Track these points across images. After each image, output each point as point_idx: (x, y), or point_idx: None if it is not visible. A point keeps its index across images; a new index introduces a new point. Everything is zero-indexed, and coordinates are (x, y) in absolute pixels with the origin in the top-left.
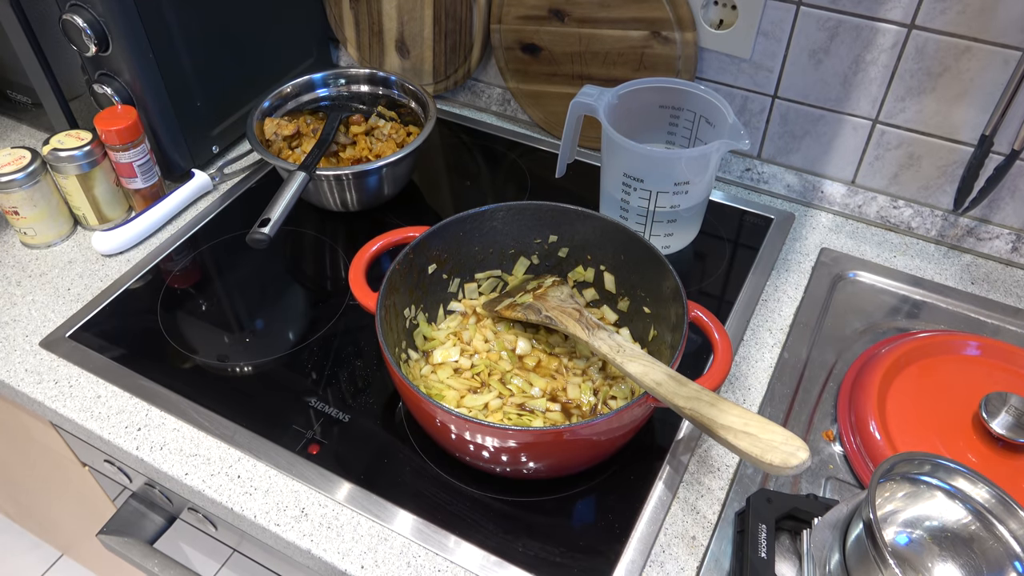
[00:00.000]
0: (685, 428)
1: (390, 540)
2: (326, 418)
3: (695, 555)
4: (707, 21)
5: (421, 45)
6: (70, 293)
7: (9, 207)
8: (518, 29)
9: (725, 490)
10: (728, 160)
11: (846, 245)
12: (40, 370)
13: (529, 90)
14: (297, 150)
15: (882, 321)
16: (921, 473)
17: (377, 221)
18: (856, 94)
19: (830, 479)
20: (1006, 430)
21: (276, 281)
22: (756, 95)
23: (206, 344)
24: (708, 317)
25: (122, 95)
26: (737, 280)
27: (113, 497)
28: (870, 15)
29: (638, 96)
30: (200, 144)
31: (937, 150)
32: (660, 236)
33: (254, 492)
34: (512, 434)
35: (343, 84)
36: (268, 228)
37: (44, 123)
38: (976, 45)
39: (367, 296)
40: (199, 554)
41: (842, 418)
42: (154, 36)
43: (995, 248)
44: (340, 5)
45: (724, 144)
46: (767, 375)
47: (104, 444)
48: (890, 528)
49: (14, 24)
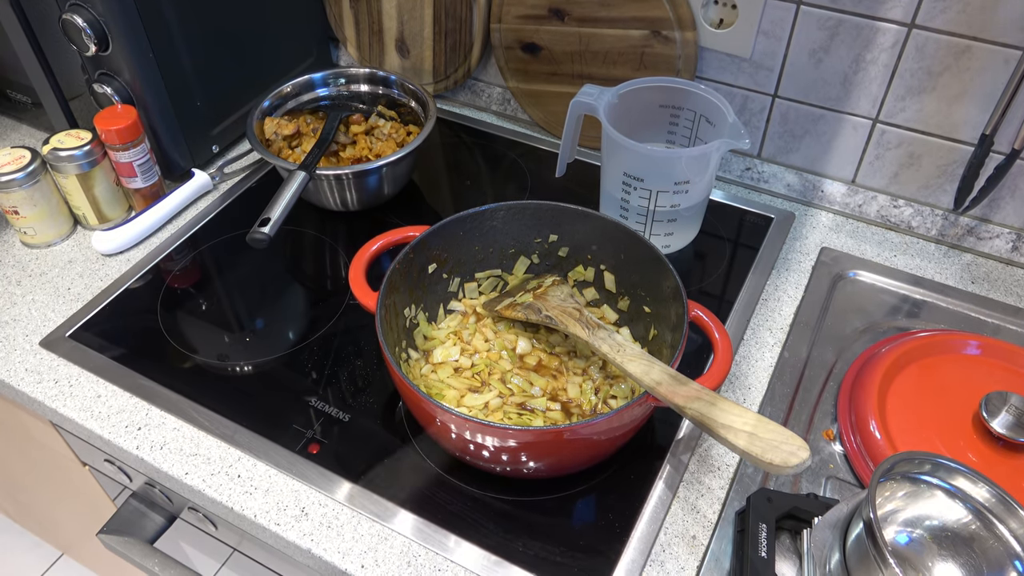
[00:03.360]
0: (685, 428)
1: (390, 539)
2: (326, 417)
3: (695, 555)
4: (707, 20)
5: (421, 44)
6: (70, 293)
7: (9, 207)
8: (518, 28)
9: (725, 489)
10: (728, 159)
11: (846, 244)
12: (40, 370)
13: (529, 89)
14: (297, 150)
15: (882, 320)
16: (921, 473)
17: (377, 221)
18: (856, 93)
19: (830, 478)
20: (1006, 429)
21: (276, 281)
22: (756, 94)
23: (206, 343)
24: (708, 316)
25: (122, 95)
26: (737, 280)
27: (113, 496)
28: (870, 14)
29: (638, 95)
30: (200, 144)
31: (937, 149)
32: (660, 235)
33: (254, 491)
34: (512, 433)
35: (343, 83)
36: (268, 228)
37: (44, 123)
38: (976, 44)
39: (367, 295)
40: (199, 554)
41: (842, 417)
42: (154, 36)
43: (995, 247)
44: (340, 4)
45: (724, 143)
46: (767, 374)
47: (104, 443)
48: (890, 527)
49: (14, 24)
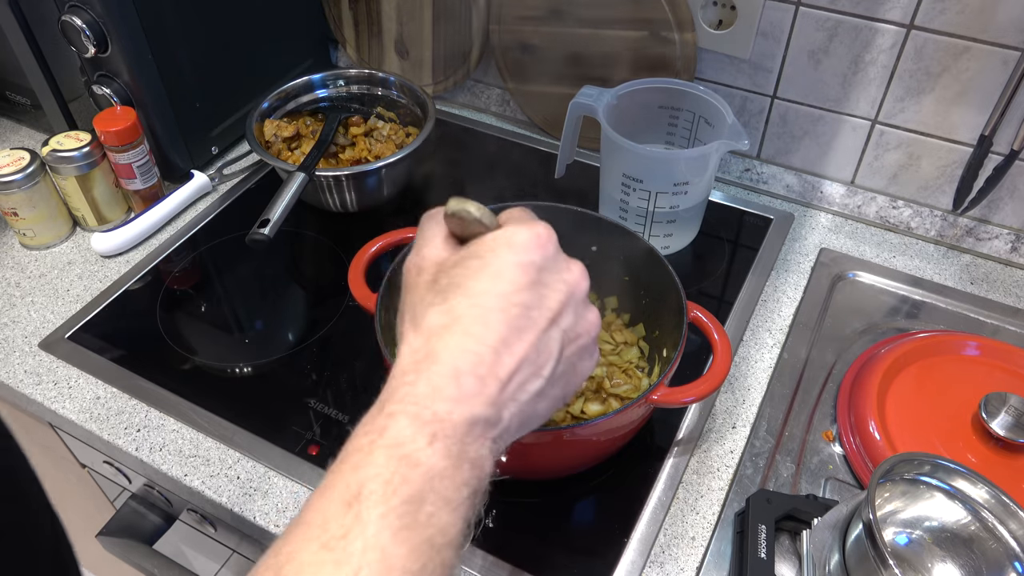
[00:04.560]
0: (685, 428)
1: None
2: (326, 419)
3: (695, 555)
4: (706, 21)
5: (420, 45)
6: (69, 294)
7: (8, 208)
8: (517, 29)
9: (725, 490)
10: (727, 160)
11: (845, 245)
12: (39, 371)
13: (528, 90)
14: (296, 151)
15: (881, 321)
16: (921, 473)
17: (376, 222)
18: (855, 94)
19: (830, 479)
20: (1006, 430)
21: (275, 282)
22: (755, 95)
23: (205, 345)
24: (707, 317)
25: (121, 96)
26: (736, 280)
27: (112, 498)
28: (869, 15)
29: (637, 97)
30: (199, 145)
31: (936, 150)
32: (659, 236)
33: (253, 493)
34: None
35: (342, 85)
36: (267, 229)
37: (43, 124)
38: (975, 45)
39: (366, 297)
40: (199, 555)
41: (842, 418)
42: (153, 37)
43: (994, 248)
44: (339, 5)
45: (723, 144)
46: (767, 375)
47: (103, 445)
48: (890, 528)
49: (13, 25)
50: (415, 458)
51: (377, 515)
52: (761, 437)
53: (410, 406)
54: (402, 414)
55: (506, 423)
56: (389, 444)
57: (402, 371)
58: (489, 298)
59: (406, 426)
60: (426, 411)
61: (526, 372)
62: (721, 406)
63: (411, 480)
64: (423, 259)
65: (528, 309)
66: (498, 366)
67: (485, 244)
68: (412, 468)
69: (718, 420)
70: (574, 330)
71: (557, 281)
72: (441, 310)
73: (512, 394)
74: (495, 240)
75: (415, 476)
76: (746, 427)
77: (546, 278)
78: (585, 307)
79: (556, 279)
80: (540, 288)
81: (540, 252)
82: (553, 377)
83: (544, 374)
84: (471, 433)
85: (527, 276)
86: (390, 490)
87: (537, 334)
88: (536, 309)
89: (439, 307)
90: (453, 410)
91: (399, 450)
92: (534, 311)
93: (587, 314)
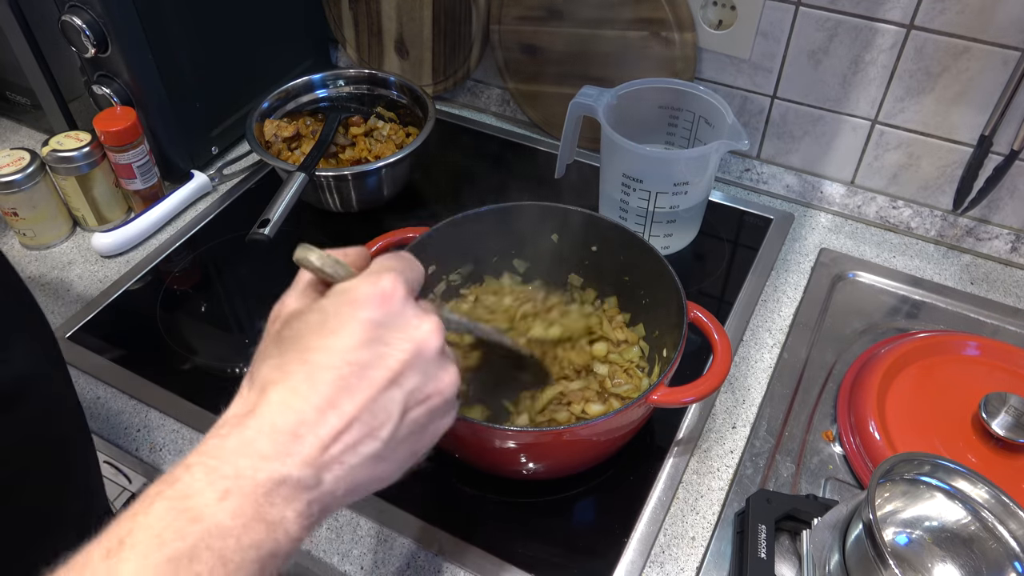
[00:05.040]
0: (685, 428)
1: (389, 541)
2: None
3: (695, 555)
4: (706, 21)
5: (420, 45)
6: (69, 294)
7: (8, 208)
8: (517, 29)
9: (725, 490)
10: (727, 160)
11: (845, 245)
12: None
13: (528, 90)
14: (296, 151)
15: (881, 321)
16: (921, 473)
17: (376, 222)
18: (855, 94)
19: (830, 479)
20: (1006, 430)
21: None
22: (755, 95)
23: (206, 345)
24: (707, 317)
25: (121, 96)
26: (736, 280)
27: (112, 498)
28: (869, 15)
29: (637, 97)
30: (199, 145)
31: (936, 150)
32: (659, 236)
33: None
34: (512, 434)
35: (342, 85)
36: (268, 229)
37: (43, 124)
38: (975, 45)
39: None
40: None
41: (842, 418)
42: (153, 37)
43: (994, 248)
44: (339, 5)
45: (723, 144)
46: (766, 375)
47: (103, 445)
48: (890, 528)
49: (13, 25)
50: (197, 512)
51: (131, 569)
52: (761, 437)
53: (211, 459)
54: (199, 466)
55: (328, 487)
56: (175, 496)
57: (221, 424)
58: (322, 355)
59: (200, 479)
60: (227, 466)
61: (357, 433)
62: (721, 406)
63: (186, 535)
64: (281, 307)
65: (364, 368)
66: (320, 426)
67: (330, 297)
68: (191, 523)
69: (718, 420)
70: (421, 391)
71: (400, 339)
72: (274, 364)
73: (337, 456)
74: (339, 293)
75: (192, 531)
76: (746, 427)
77: (387, 336)
78: (437, 366)
79: (399, 337)
80: (379, 346)
81: (382, 308)
82: (393, 440)
83: (381, 436)
84: (276, 493)
85: (366, 333)
86: (156, 544)
87: (371, 395)
88: (373, 368)
89: (274, 360)
90: (259, 467)
91: (183, 503)
92: (370, 370)
93: (439, 373)
